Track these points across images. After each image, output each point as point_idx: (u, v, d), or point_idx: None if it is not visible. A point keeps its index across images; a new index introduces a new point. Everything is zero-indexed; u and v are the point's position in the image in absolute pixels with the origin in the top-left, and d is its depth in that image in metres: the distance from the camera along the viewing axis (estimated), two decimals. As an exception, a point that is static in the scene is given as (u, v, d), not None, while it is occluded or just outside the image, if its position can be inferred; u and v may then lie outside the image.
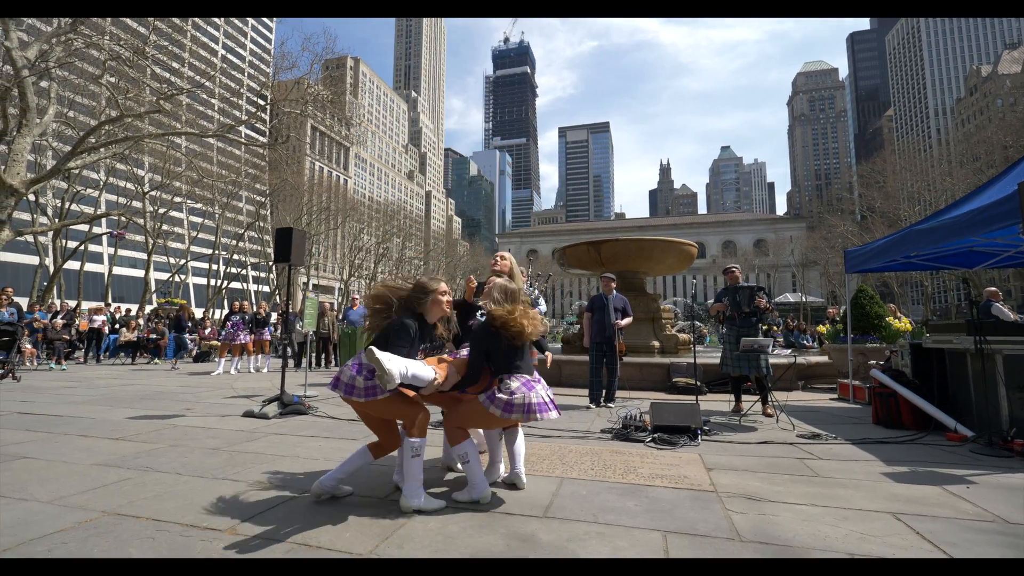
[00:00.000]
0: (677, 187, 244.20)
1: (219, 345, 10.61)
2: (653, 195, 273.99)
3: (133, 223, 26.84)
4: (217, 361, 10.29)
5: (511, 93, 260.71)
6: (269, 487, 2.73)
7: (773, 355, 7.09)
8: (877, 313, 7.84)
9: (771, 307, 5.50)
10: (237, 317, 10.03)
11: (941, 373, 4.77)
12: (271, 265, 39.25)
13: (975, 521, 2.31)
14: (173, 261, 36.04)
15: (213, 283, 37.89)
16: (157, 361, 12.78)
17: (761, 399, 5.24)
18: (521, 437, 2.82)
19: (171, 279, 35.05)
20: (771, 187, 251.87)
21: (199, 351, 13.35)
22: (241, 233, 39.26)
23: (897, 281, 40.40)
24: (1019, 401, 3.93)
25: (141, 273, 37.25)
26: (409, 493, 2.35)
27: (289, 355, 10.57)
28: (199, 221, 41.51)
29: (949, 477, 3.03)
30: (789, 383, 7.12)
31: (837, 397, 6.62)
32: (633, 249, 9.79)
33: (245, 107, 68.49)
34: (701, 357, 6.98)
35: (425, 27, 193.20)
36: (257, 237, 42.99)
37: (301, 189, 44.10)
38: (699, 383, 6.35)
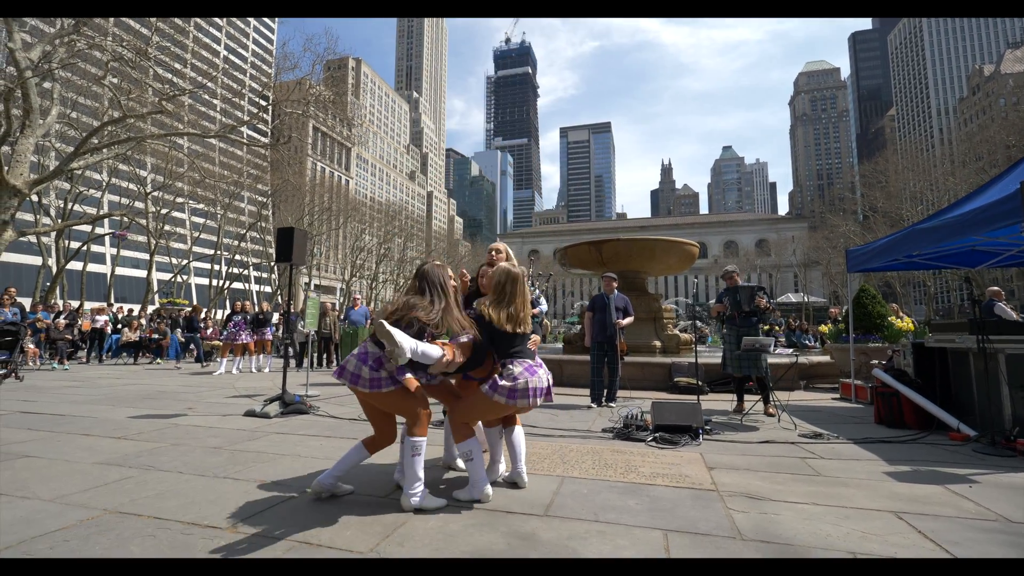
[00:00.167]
0: (679, 187, 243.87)
1: (221, 345, 10.63)
2: (655, 195, 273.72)
3: (135, 223, 26.93)
4: (218, 361, 10.31)
5: (512, 93, 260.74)
6: (270, 486, 2.74)
7: (775, 355, 7.08)
8: (879, 313, 7.82)
9: (771, 306, 5.49)
10: (239, 317, 10.05)
11: (943, 372, 4.76)
12: (273, 265, 39.32)
13: (978, 520, 2.30)
14: (175, 261, 36.14)
15: (215, 283, 37.99)
16: (159, 361, 12.82)
17: (763, 399, 5.24)
18: (522, 435, 2.81)
19: (173, 279, 35.14)
20: (773, 187, 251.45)
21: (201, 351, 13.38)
22: (243, 233, 39.32)
23: (899, 281, 40.26)
24: (1022, 400, 3.91)
25: (143, 273, 37.35)
26: (410, 492, 2.34)
27: (290, 355, 10.61)
28: (201, 221, 41.61)
29: (952, 476, 3.02)
30: (791, 383, 7.10)
31: (839, 397, 6.60)
32: (634, 249, 9.77)
33: (247, 108, 68.56)
34: (702, 357, 6.96)
35: (427, 28, 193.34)
36: (259, 237, 43.09)
37: (303, 189, 44.20)
38: (700, 383, 6.35)
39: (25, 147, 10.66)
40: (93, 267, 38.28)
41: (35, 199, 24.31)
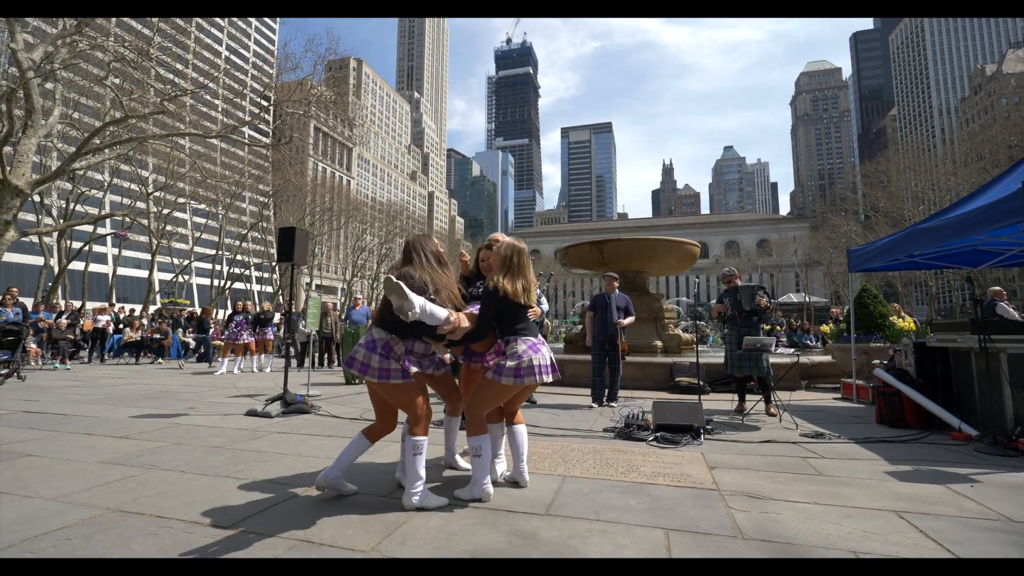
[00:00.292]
0: (680, 187, 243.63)
1: (222, 345, 10.65)
2: (656, 195, 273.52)
3: (137, 224, 26.97)
4: (220, 361, 10.33)
5: (514, 94, 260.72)
6: (272, 485, 2.74)
7: (776, 354, 7.07)
8: (881, 312, 7.81)
9: (772, 305, 5.49)
10: (240, 317, 10.07)
11: (945, 372, 4.75)
12: (274, 265, 39.38)
13: (979, 520, 2.30)
14: (177, 261, 36.22)
15: (216, 283, 38.05)
16: (161, 361, 12.84)
17: (764, 398, 5.23)
18: (525, 434, 2.81)
19: (175, 279, 35.21)
20: (774, 187, 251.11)
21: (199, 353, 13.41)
22: (244, 233, 39.39)
23: (901, 281, 40.20)
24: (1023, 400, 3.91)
25: (145, 273, 37.39)
26: (411, 491, 2.35)
27: (292, 355, 10.62)
28: (203, 222, 41.68)
29: (953, 476, 3.02)
30: (792, 383, 7.09)
31: (841, 397, 6.60)
32: (635, 249, 9.77)
33: (248, 108, 68.66)
34: (703, 357, 6.96)
35: (428, 28, 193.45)
36: (260, 237, 43.16)
37: (304, 189, 44.24)
38: (702, 382, 6.34)
39: (27, 147, 10.70)
40: (95, 267, 38.38)
41: (37, 199, 24.37)
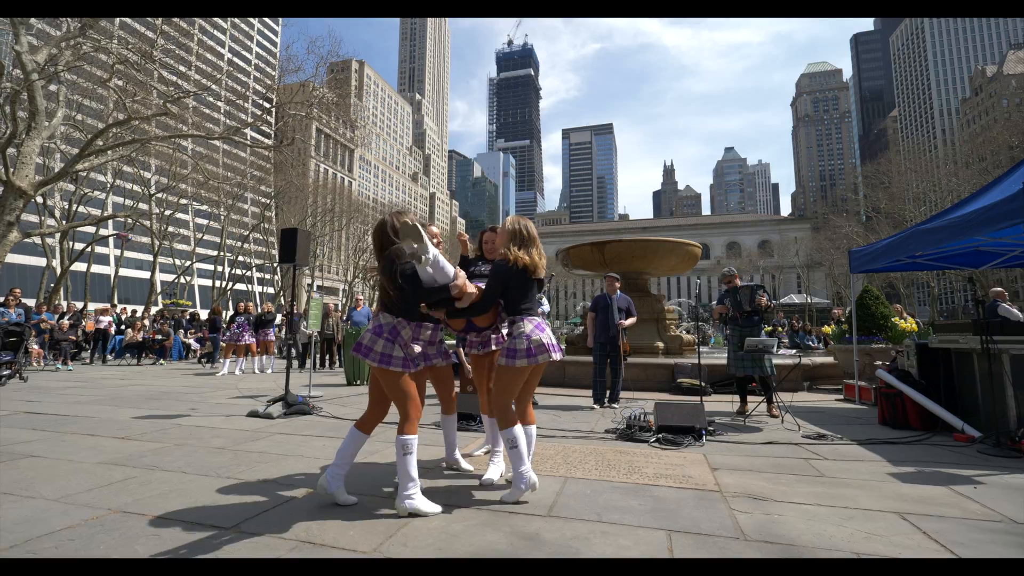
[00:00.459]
0: (681, 188, 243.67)
1: (224, 346, 10.67)
2: (657, 196, 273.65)
3: (139, 225, 27.06)
4: (221, 362, 10.34)
5: (515, 95, 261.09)
6: (274, 486, 2.75)
7: (778, 356, 7.06)
8: (883, 313, 7.80)
9: (772, 305, 5.48)
10: (242, 318, 10.09)
11: (948, 373, 4.74)
12: (276, 266, 39.42)
13: (982, 521, 2.29)
14: (178, 263, 36.30)
15: (218, 284, 38.12)
16: (163, 362, 12.87)
17: (766, 400, 5.22)
18: (533, 435, 2.78)
19: (176, 280, 35.28)
20: (775, 188, 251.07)
21: (204, 351, 13.43)
22: (246, 235, 39.48)
23: (903, 282, 40.09)
24: (1027, 402, 3.89)
25: (147, 275, 37.55)
26: (404, 493, 2.28)
27: (293, 356, 10.63)
28: (204, 223, 41.80)
29: (956, 477, 3.01)
30: (794, 384, 7.08)
31: (843, 398, 6.58)
32: (637, 249, 9.77)
33: (251, 110, 68.87)
34: (705, 358, 6.95)
35: (429, 30, 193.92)
36: (262, 238, 43.22)
37: (306, 191, 44.31)
38: (703, 384, 6.33)
39: (31, 149, 10.74)
40: (97, 268, 38.52)
41: (40, 200, 24.48)
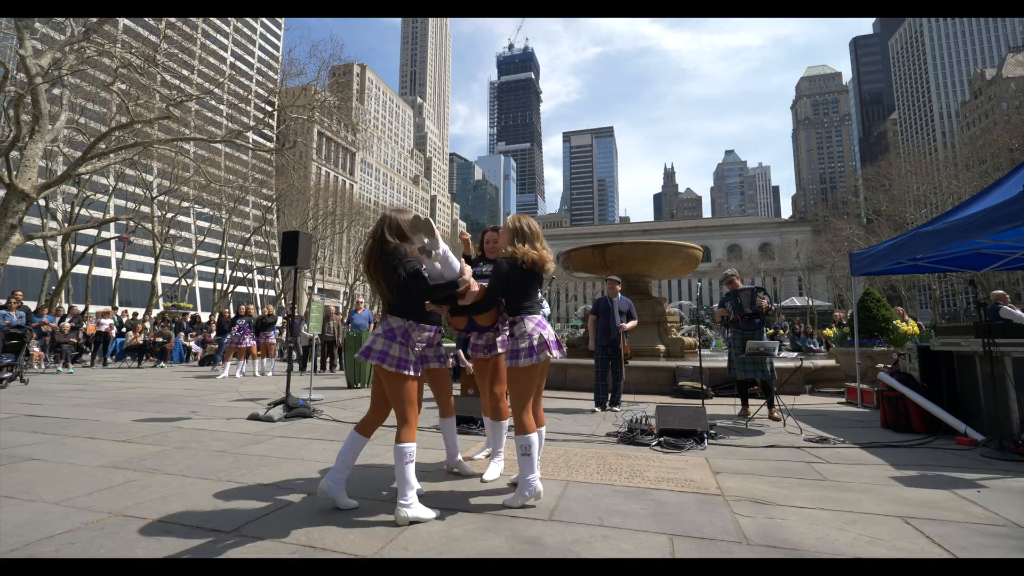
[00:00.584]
0: (681, 191, 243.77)
1: (225, 349, 10.67)
2: (657, 199, 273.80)
3: (141, 228, 27.11)
4: (222, 364, 10.35)
5: (516, 99, 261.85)
6: (274, 489, 2.74)
7: (780, 358, 7.04)
8: (884, 316, 7.78)
9: (773, 307, 5.48)
10: (243, 321, 10.09)
11: (950, 376, 4.72)
12: (277, 269, 39.47)
13: (987, 525, 2.28)
14: (180, 265, 36.36)
15: (219, 287, 38.17)
16: (163, 365, 12.87)
17: (768, 403, 5.21)
18: (542, 439, 2.76)
19: (178, 283, 35.31)
20: (776, 191, 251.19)
21: (204, 354, 13.44)
22: (248, 237, 39.55)
23: (905, 284, 40.00)
24: (1030, 405, 3.87)
25: (148, 277, 37.57)
26: (402, 502, 2.26)
27: (294, 358, 10.63)
28: (206, 225, 41.88)
29: (959, 481, 2.99)
30: (796, 387, 7.06)
31: (845, 401, 6.56)
32: (637, 252, 9.77)
33: (253, 113, 69.09)
34: (706, 361, 6.94)
35: (431, 34, 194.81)
36: (263, 241, 43.30)
37: (307, 193, 44.42)
38: (705, 387, 6.32)
39: (34, 152, 10.79)
40: (98, 271, 38.57)
41: (42, 203, 24.55)
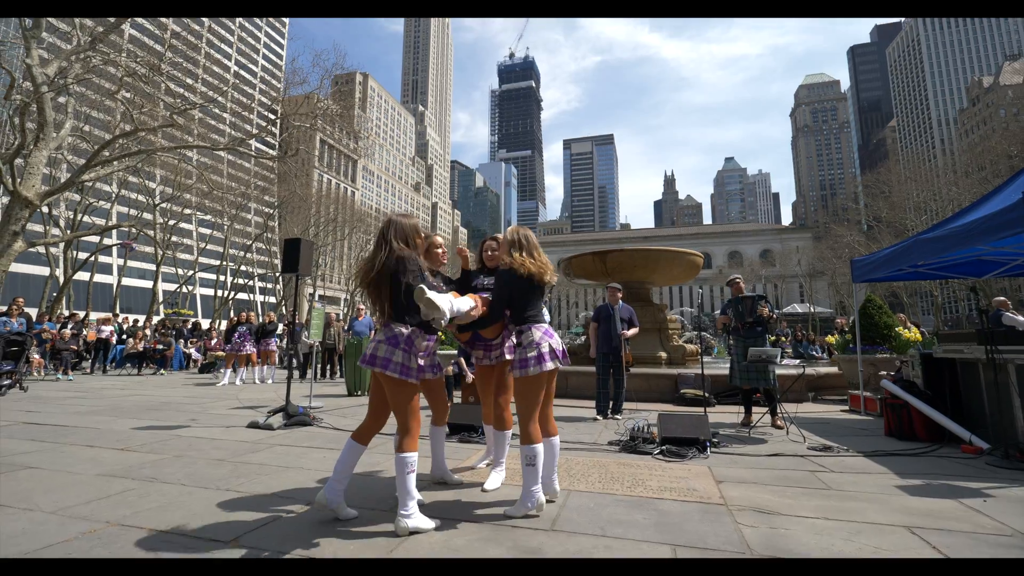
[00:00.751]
0: (682, 198, 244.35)
1: (225, 356, 10.64)
2: (658, 206, 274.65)
3: (143, 235, 27.20)
4: (222, 372, 10.32)
5: (517, 107, 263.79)
6: (274, 499, 2.72)
7: (782, 366, 7.00)
8: (886, 323, 7.74)
9: (774, 315, 5.46)
10: (244, 328, 10.08)
11: (953, 383, 4.69)
12: (278, 276, 39.52)
13: (994, 536, 2.25)
14: (181, 272, 36.43)
15: (220, 294, 38.23)
16: (163, 372, 12.84)
17: (770, 411, 5.17)
18: (556, 447, 2.74)
19: (179, 290, 35.36)
20: (776, 197, 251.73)
21: (204, 362, 13.41)
22: (249, 244, 39.65)
23: (906, 291, 39.96)
24: (1035, 413, 3.84)
25: (149, 284, 37.63)
26: (403, 512, 2.24)
27: (294, 366, 10.60)
28: (208, 232, 42.02)
29: (965, 490, 2.96)
30: (799, 394, 7.02)
31: (848, 409, 6.51)
32: (638, 259, 9.76)
33: (256, 121, 69.79)
34: (709, 368, 6.90)
35: (432, 42, 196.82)
36: (265, 248, 43.41)
37: (309, 201, 44.64)
38: (707, 394, 6.28)
39: (38, 160, 10.86)
40: (100, 278, 38.66)
41: (45, 210, 24.68)
